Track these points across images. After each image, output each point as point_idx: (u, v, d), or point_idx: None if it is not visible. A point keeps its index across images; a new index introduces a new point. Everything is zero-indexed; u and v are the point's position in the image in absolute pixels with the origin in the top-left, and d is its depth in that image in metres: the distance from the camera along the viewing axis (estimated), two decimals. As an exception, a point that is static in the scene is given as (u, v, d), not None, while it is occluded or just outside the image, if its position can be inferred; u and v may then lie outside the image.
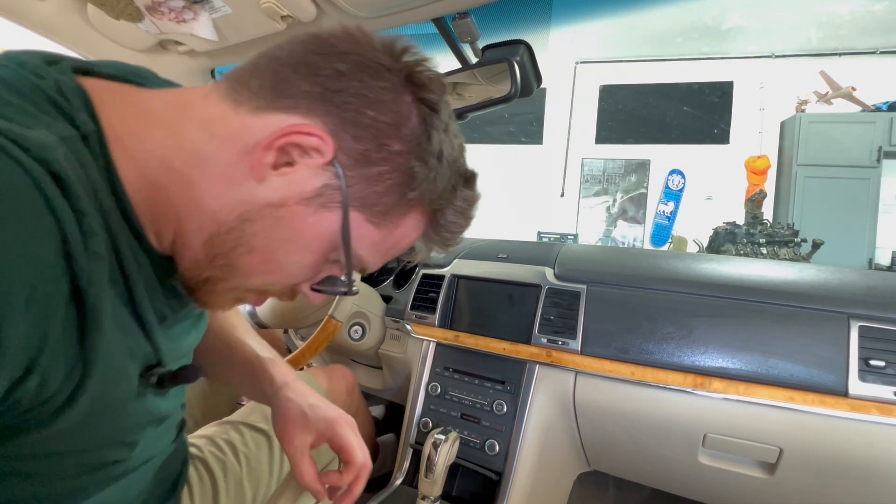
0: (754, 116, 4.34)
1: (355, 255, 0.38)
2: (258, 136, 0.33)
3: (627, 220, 4.80)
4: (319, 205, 0.35)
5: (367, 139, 0.35)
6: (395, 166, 0.36)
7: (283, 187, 0.34)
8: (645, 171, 4.71)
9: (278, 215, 0.34)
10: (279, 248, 0.36)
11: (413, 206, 0.38)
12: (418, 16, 0.70)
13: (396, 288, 1.15)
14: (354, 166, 0.35)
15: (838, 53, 4.09)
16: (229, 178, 0.34)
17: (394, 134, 0.35)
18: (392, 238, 0.39)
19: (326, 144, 0.34)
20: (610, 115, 4.84)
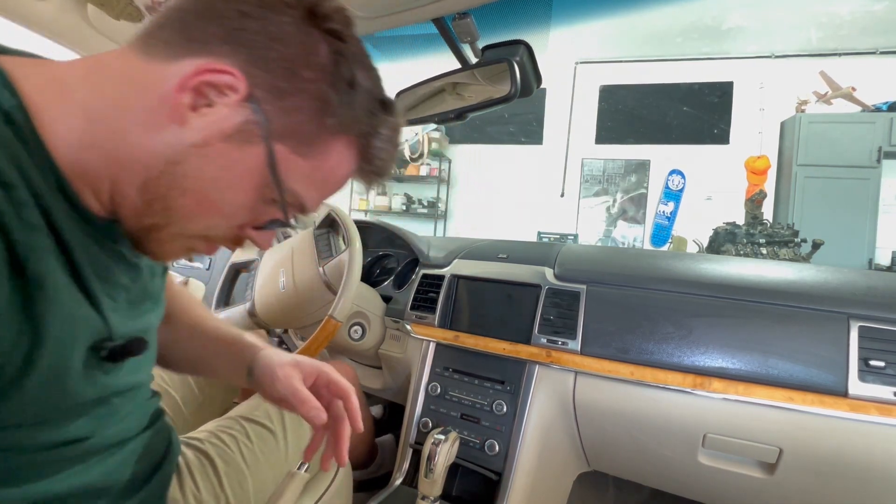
0: (754, 116, 4.33)
1: (289, 189, 0.39)
2: (174, 82, 0.34)
3: (627, 221, 4.80)
4: (242, 140, 0.36)
5: (277, 72, 0.36)
6: (308, 95, 0.37)
7: (205, 127, 0.35)
8: (645, 172, 4.71)
9: (204, 154, 0.36)
10: (211, 188, 0.37)
11: (335, 134, 0.39)
12: (418, 16, 0.70)
13: (396, 288, 1.15)
14: (270, 100, 0.36)
15: (838, 53, 4.09)
16: (152, 125, 0.35)
17: (303, 64, 0.36)
18: (323, 170, 0.40)
19: (239, 81, 0.35)
20: (610, 115, 4.84)
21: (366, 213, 5.29)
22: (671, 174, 4.58)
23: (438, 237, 1.34)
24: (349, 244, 0.92)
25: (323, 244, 1.02)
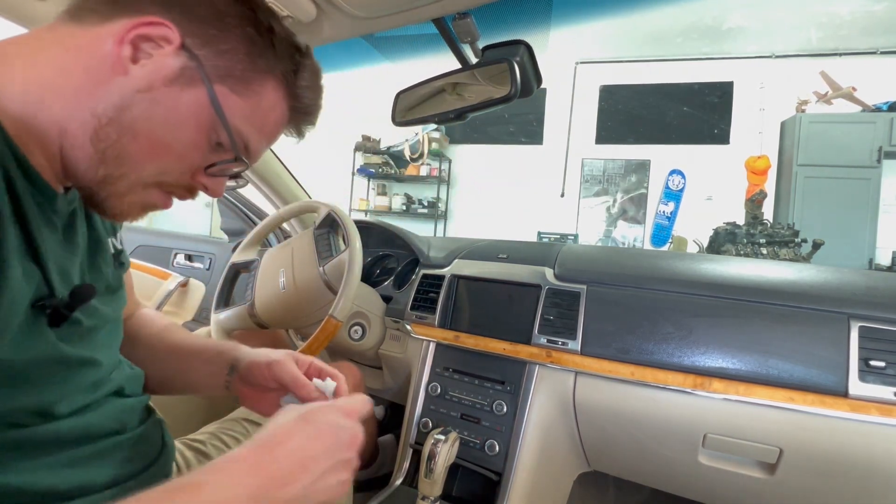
0: (754, 116, 4.34)
1: (234, 128, 0.42)
2: (111, 39, 0.38)
3: (627, 221, 4.80)
4: (184, 83, 0.40)
5: (206, 21, 0.40)
6: (236, 38, 0.42)
7: (148, 75, 0.39)
8: (645, 172, 4.71)
9: (150, 98, 0.39)
10: (160, 129, 0.40)
11: (265, 74, 0.44)
12: (418, 16, 0.70)
13: (396, 288, 1.15)
14: (203, 46, 0.40)
15: (838, 53, 4.09)
16: (96, 80, 0.38)
17: (226, 13, 0.41)
18: (261, 108, 0.45)
19: (173, 31, 0.39)
20: (610, 115, 4.84)
21: (366, 213, 5.29)
22: (671, 174, 4.58)
23: (438, 237, 1.34)
24: (349, 244, 0.92)
25: (323, 244, 1.02)
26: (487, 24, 0.74)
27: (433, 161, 5.15)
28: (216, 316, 1.07)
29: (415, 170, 5.12)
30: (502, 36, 0.72)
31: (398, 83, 0.84)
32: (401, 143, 5.09)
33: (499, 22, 3.57)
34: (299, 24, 0.74)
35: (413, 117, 0.82)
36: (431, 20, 0.70)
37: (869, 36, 3.88)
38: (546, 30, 4.15)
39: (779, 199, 4.28)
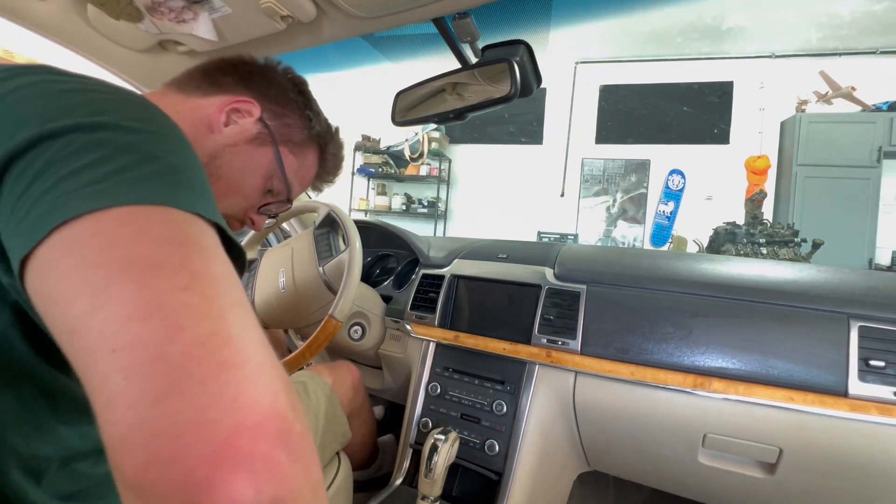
0: (754, 116, 4.34)
1: (288, 180, 0.59)
2: (209, 108, 0.53)
3: (627, 220, 4.80)
4: (259, 143, 0.56)
5: (277, 101, 0.58)
6: (298, 115, 0.60)
7: (234, 135, 0.54)
8: (645, 171, 4.71)
9: (235, 151, 0.54)
10: (237, 175, 0.54)
11: (311, 143, 0.62)
12: (418, 16, 0.70)
13: (396, 288, 1.15)
14: (274, 118, 0.58)
15: (838, 53, 4.09)
16: (196, 135, 0.51)
17: (293, 99, 0.60)
18: (304, 167, 0.62)
19: (255, 106, 0.56)
20: (610, 115, 4.84)
21: (366, 213, 5.29)
22: (671, 174, 4.58)
23: (438, 237, 1.34)
24: (349, 244, 0.92)
25: (323, 244, 1.02)
26: (487, 24, 0.74)
27: (433, 161, 5.15)
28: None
29: (415, 169, 5.12)
30: (502, 36, 0.72)
31: (398, 83, 0.84)
32: (401, 142, 5.09)
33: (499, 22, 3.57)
34: (299, 24, 0.74)
35: (413, 117, 0.82)
36: (431, 20, 0.70)
37: (869, 36, 3.88)
38: (546, 30, 4.15)
39: (779, 198, 4.28)
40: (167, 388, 0.21)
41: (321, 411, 0.79)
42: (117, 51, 0.86)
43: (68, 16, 0.79)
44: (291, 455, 0.23)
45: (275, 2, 0.68)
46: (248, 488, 0.20)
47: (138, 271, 0.24)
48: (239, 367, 0.23)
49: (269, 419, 0.23)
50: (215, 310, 0.25)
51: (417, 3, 0.67)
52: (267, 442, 0.22)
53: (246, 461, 0.21)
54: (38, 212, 0.26)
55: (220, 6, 0.72)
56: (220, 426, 0.21)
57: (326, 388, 0.84)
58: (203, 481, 0.20)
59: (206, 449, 0.21)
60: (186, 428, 0.21)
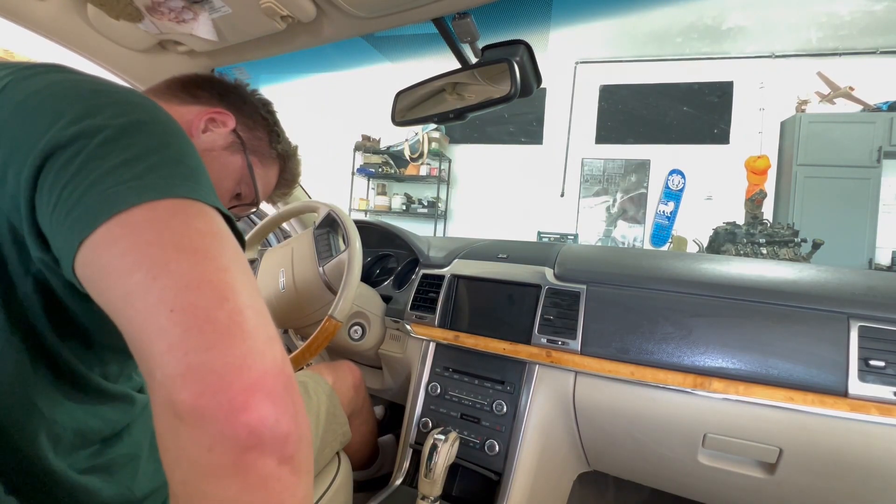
0: (754, 116, 4.33)
1: (256, 185, 0.65)
2: (189, 115, 0.58)
3: (627, 220, 4.80)
4: (233, 151, 0.62)
5: (249, 116, 0.65)
6: (266, 131, 0.67)
7: (211, 141, 0.59)
8: (645, 171, 4.71)
9: (211, 156, 0.59)
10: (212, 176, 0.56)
11: (275, 157, 0.69)
12: (418, 16, 0.70)
13: (396, 288, 1.15)
14: (247, 131, 0.64)
15: (838, 53, 4.09)
16: None
17: (259, 115, 0.66)
18: (268, 177, 0.69)
19: (230, 118, 0.61)
20: (610, 115, 4.84)
21: (366, 213, 5.29)
22: (671, 174, 4.58)
23: (438, 237, 1.34)
24: (349, 244, 0.92)
25: (323, 244, 1.02)
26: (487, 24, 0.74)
27: (433, 161, 5.15)
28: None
29: (415, 169, 5.12)
30: (502, 36, 0.72)
31: (398, 83, 0.84)
32: (401, 142, 5.09)
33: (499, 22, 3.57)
34: (299, 24, 0.74)
35: (413, 117, 0.82)
36: (431, 20, 0.70)
37: (869, 36, 3.88)
38: (546, 30, 4.15)
39: (779, 198, 4.28)
40: (217, 340, 0.28)
41: (322, 411, 0.79)
42: (117, 51, 0.86)
43: (68, 16, 0.79)
44: (296, 400, 0.30)
45: (275, 2, 0.68)
46: (271, 413, 0.28)
47: (189, 253, 0.30)
48: (263, 333, 0.30)
49: (283, 373, 0.30)
50: (247, 290, 0.31)
51: (417, 3, 0.67)
52: (283, 386, 0.29)
53: (270, 396, 0.28)
54: (92, 202, 0.30)
55: (220, 6, 0.72)
56: (254, 370, 0.28)
57: (327, 387, 0.84)
58: (242, 405, 0.27)
59: (245, 384, 0.28)
60: (231, 369, 0.28)
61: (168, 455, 0.29)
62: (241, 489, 0.27)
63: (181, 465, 0.28)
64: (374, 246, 1.31)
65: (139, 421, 0.49)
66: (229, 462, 0.27)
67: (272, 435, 0.28)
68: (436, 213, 5.14)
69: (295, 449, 0.29)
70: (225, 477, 0.27)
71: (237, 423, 0.27)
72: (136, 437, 0.48)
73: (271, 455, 0.28)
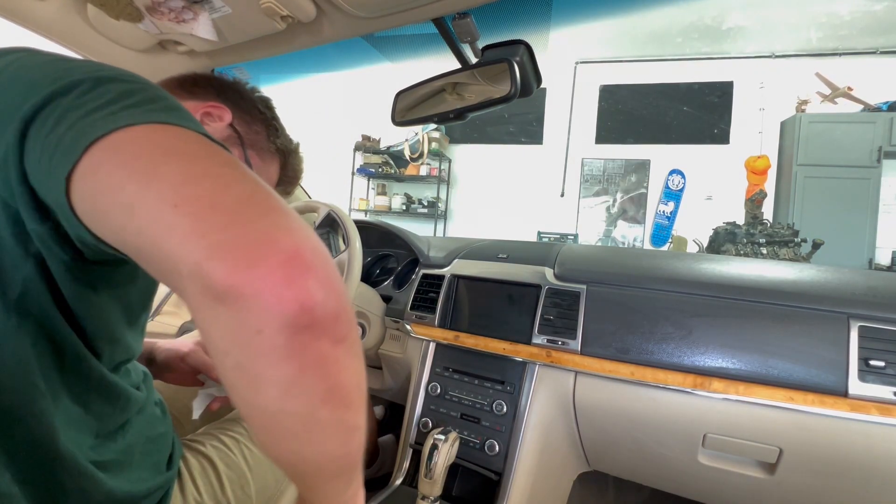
0: (754, 116, 4.33)
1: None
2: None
3: (627, 220, 4.80)
4: (229, 144, 0.60)
5: (246, 111, 0.64)
6: (264, 125, 0.66)
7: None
8: (645, 171, 4.71)
9: None
10: None
11: (275, 154, 0.67)
12: (418, 16, 0.70)
13: (396, 288, 1.15)
14: (242, 125, 0.63)
15: (838, 53, 4.09)
16: None
17: (257, 110, 0.65)
18: (268, 172, 0.67)
19: (227, 112, 0.61)
20: (610, 115, 4.84)
21: (366, 213, 5.29)
22: (671, 174, 4.58)
23: (438, 237, 1.34)
24: (349, 244, 0.92)
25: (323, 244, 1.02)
26: (487, 24, 0.74)
27: (433, 161, 5.14)
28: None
29: (415, 169, 5.12)
30: (502, 36, 0.72)
31: (398, 83, 0.84)
32: (401, 142, 5.09)
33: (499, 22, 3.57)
34: (299, 24, 0.74)
35: (413, 117, 0.82)
36: (431, 20, 0.70)
37: (869, 36, 3.88)
38: (546, 30, 4.15)
39: (779, 198, 4.27)
40: (231, 220, 0.26)
41: None
42: (117, 51, 0.86)
43: (68, 16, 0.79)
44: (339, 279, 0.28)
45: (275, 2, 0.68)
46: (318, 290, 0.26)
47: (181, 155, 0.29)
48: (282, 213, 0.28)
49: (319, 250, 0.27)
50: (253, 179, 0.29)
51: (417, 3, 0.67)
52: (323, 263, 0.27)
53: (312, 270, 0.26)
54: (70, 138, 0.29)
55: (220, 6, 0.72)
56: (285, 243, 0.26)
57: None
58: (285, 279, 0.25)
59: (280, 257, 0.25)
60: (258, 244, 0.25)
61: (216, 346, 0.27)
62: (299, 372, 0.26)
63: (231, 352, 0.26)
64: (374, 246, 1.31)
65: (136, 421, 0.48)
66: (282, 344, 0.25)
67: (323, 313, 0.25)
68: (436, 213, 5.14)
69: (347, 329, 0.27)
70: (280, 360, 0.25)
71: (283, 298, 0.24)
72: (131, 439, 0.47)
73: (325, 335, 0.26)
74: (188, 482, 0.55)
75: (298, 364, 0.26)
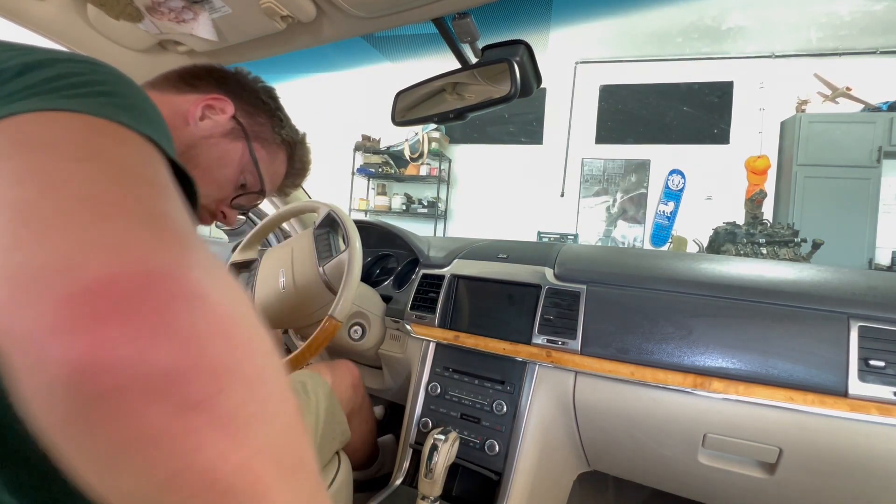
0: (754, 116, 4.33)
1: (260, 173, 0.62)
2: (185, 104, 0.56)
3: (627, 220, 4.80)
4: (233, 137, 0.59)
5: (249, 102, 0.62)
6: (268, 116, 0.64)
7: (210, 128, 0.57)
8: (645, 171, 4.71)
9: (210, 144, 0.57)
10: (213, 164, 0.57)
11: (280, 144, 0.66)
12: (418, 16, 0.70)
13: (396, 288, 1.15)
14: (246, 117, 0.61)
15: (838, 53, 4.09)
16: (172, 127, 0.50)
17: (260, 100, 0.64)
18: (274, 165, 0.66)
19: (229, 104, 0.59)
20: (610, 115, 4.84)
21: (366, 213, 5.29)
22: (671, 174, 4.58)
23: (438, 237, 1.34)
24: (349, 244, 0.92)
25: (323, 244, 1.02)
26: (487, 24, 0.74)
27: (433, 161, 5.15)
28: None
29: (415, 170, 5.12)
30: (502, 36, 0.72)
31: (398, 83, 0.84)
32: (401, 142, 5.09)
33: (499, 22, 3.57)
34: (299, 24, 0.74)
35: (413, 117, 0.82)
36: (431, 20, 0.70)
37: (869, 36, 3.88)
38: (546, 30, 4.15)
39: (779, 198, 4.28)
40: (30, 236, 0.19)
41: (321, 411, 0.79)
42: (117, 51, 0.86)
43: (68, 16, 0.79)
44: (200, 320, 0.19)
45: (275, 2, 0.68)
46: (121, 336, 0.18)
47: (34, 149, 0.23)
48: (134, 225, 0.21)
49: (168, 279, 0.20)
50: (124, 183, 0.23)
51: (417, 3, 0.67)
52: (164, 297, 0.19)
53: (120, 309, 0.18)
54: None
55: (220, 6, 0.72)
56: (90, 269, 0.19)
57: (326, 387, 0.84)
58: (59, 325, 0.18)
59: (64, 291, 0.18)
60: (44, 270, 0.18)
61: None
62: (109, 450, 0.18)
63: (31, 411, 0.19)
64: (374, 246, 1.31)
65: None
66: (75, 412, 0.18)
67: (136, 372, 0.18)
68: (436, 213, 5.14)
69: (205, 390, 0.19)
70: (70, 431, 0.18)
71: (51, 353, 0.17)
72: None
73: (156, 401, 0.18)
74: None
75: (102, 440, 0.18)
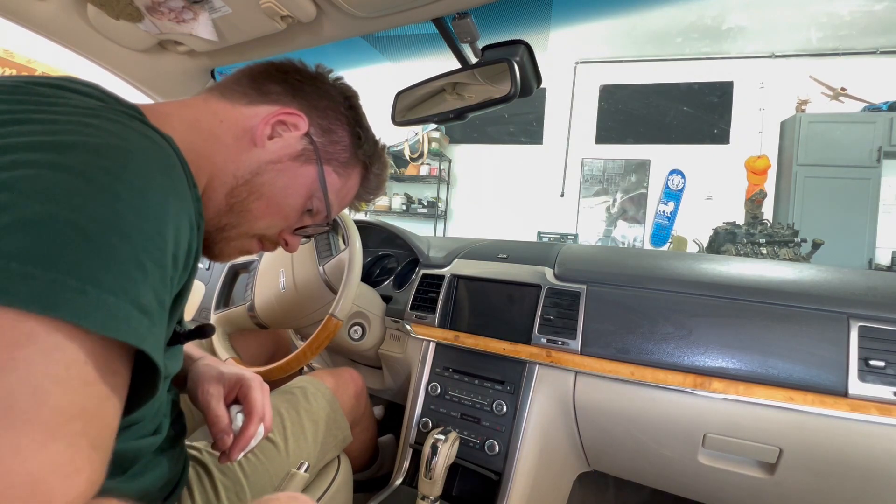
0: (754, 116, 4.33)
1: (329, 200, 0.55)
2: (254, 119, 0.49)
3: (627, 220, 4.79)
4: (304, 160, 0.52)
5: (326, 116, 0.54)
6: (347, 132, 0.55)
7: (278, 150, 0.50)
8: (645, 171, 4.71)
9: (278, 169, 0.50)
10: (279, 194, 0.51)
11: (357, 162, 0.58)
12: (418, 16, 0.70)
13: (396, 288, 1.15)
14: (321, 135, 0.53)
15: (838, 53, 4.09)
16: (239, 148, 0.48)
17: (341, 113, 0.55)
18: (346, 187, 0.58)
19: (302, 120, 0.51)
20: (610, 115, 4.84)
21: (366, 213, 5.28)
22: (671, 174, 4.58)
23: (438, 237, 1.34)
24: (349, 244, 0.92)
25: (323, 244, 1.02)
26: (487, 24, 0.74)
27: (433, 161, 5.14)
28: (216, 316, 1.07)
29: (415, 170, 5.12)
30: (502, 36, 0.72)
31: (398, 83, 0.84)
32: (401, 142, 5.09)
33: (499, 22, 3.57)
34: (299, 24, 0.74)
35: (413, 117, 0.82)
36: (431, 20, 0.70)
37: (869, 36, 3.88)
38: (546, 30, 4.15)
39: (779, 198, 4.27)
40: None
41: (321, 416, 0.79)
42: (117, 51, 0.86)
43: (68, 16, 0.79)
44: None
45: (275, 2, 0.68)
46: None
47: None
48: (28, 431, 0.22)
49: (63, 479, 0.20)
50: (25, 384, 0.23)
51: (417, 3, 0.67)
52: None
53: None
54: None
55: (220, 6, 0.72)
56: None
57: (328, 392, 0.83)
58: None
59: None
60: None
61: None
62: None
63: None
64: (374, 246, 1.31)
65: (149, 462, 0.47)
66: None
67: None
68: (436, 213, 5.14)
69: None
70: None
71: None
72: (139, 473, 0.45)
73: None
74: (183, 489, 0.55)
75: None
